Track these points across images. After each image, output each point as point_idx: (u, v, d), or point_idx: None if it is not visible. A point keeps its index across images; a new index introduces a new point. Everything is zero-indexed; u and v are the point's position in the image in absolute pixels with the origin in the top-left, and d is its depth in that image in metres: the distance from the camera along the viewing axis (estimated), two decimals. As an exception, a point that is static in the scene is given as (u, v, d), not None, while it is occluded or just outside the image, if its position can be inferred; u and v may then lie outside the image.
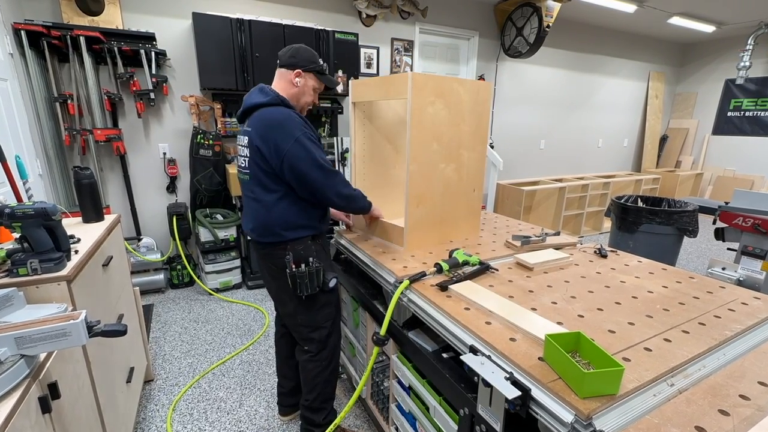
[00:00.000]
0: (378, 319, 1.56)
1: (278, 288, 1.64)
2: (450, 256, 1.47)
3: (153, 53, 3.05)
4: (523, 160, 5.71)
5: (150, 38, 3.04)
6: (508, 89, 5.25)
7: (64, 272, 1.23)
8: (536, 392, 0.84)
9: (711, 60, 6.61)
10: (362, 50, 4.02)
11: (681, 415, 0.77)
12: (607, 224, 5.39)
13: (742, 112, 6.30)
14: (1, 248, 1.26)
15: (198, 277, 3.47)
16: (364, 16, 4.02)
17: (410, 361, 1.38)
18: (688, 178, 6.61)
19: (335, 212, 1.86)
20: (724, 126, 6.53)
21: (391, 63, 4.33)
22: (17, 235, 1.23)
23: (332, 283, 1.61)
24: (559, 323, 1.07)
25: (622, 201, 3.33)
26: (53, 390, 1.01)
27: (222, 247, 3.32)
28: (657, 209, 2.98)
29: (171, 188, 3.54)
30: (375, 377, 1.75)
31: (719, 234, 2.78)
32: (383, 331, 1.38)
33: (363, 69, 4.07)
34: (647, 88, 6.71)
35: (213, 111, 3.43)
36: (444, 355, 1.23)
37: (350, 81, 1.83)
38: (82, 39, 2.77)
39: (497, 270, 1.46)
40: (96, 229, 1.66)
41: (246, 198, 1.60)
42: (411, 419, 1.42)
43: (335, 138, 3.71)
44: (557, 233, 1.81)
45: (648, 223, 2.98)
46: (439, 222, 1.76)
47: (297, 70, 1.55)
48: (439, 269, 1.40)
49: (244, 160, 1.54)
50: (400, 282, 1.37)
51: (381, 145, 1.94)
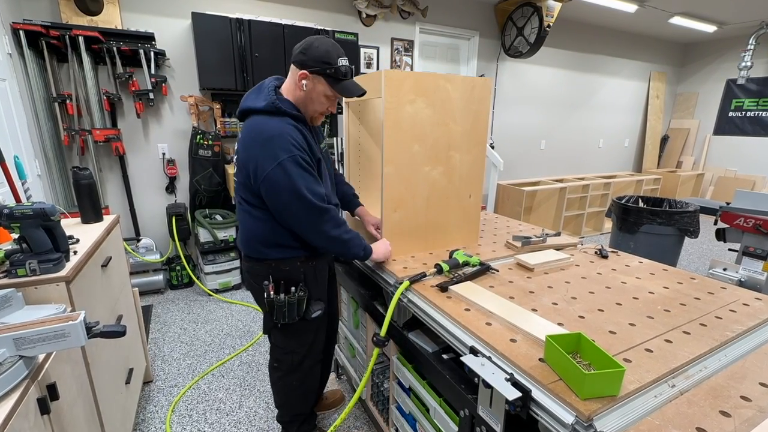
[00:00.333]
0: (378, 320, 1.55)
1: (257, 301, 1.54)
2: (450, 257, 1.47)
3: (152, 53, 3.04)
4: (524, 161, 5.70)
5: (149, 38, 3.04)
6: (509, 89, 5.24)
7: (63, 273, 1.23)
8: (537, 393, 0.84)
9: (712, 60, 6.60)
10: (362, 50, 4.01)
11: (682, 417, 0.77)
12: (608, 225, 5.38)
13: (744, 113, 6.29)
14: (0, 249, 1.26)
15: (197, 278, 3.47)
16: (364, 16, 4.01)
17: (410, 362, 1.38)
18: (689, 179, 6.61)
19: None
20: (726, 126, 6.52)
21: (392, 63, 4.32)
22: (16, 236, 1.23)
23: (315, 314, 1.47)
24: (560, 324, 1.07)
25: (623, 201, 3.32)
26: (52, 391, 1.00)
27: (221, 248, 3.32)
28: (658, 210, 2.98)
29: (170, 189, 3.54)
30: (375, 378, 1.75)
31: (720, 235, 2.78)
32: (383, 332, 1.36)
33: (363, 69, 4.06)
34: (648, 88, 6.70)
35: (212, 111, 3.43)
36: (444, 356, 1.23)
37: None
38: (81, 39, 2.76)
39: (497, 271, 1.46)
40: (95, 230, 1.65)
41: (237, 205, 1.46)
42: (411, 420, 1.42)
43: (335, 138, 3.71)
44: (558, 234, 1.80)
45: (649, 224, 2.98)
46: (425, 229, 1.66)
47: (303, 71, 1.28)
48: (440, 270, 1.40)
49: (235, 166, 1.41)
50: (400, 283, 1.37)
51: (370, 146, 1.92)
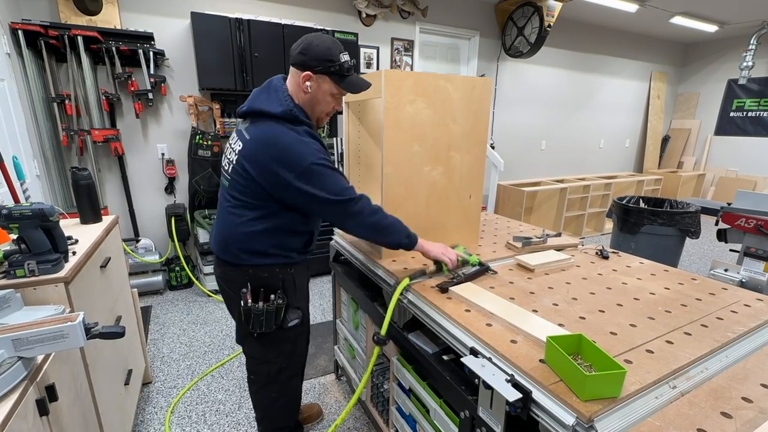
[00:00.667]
0: (378, 321, 1.55)
1: (230, 309, 1.51)
2: None
3: (151, 53, 3.03)
4: (524, 161, 5.70)
5: (148, 38, 3.03)
6: (509, 89, 5.24)
7: (62, 274, 1.23)
8: (537, 394, 0.83)
9: (713, 60, 6.59)
10: (362, 50, 4.01)
11: (683, 418, 0.77)
12: (609, 225, 5.37)
13: (745, 113, 6.28)
14: (-1, 249, 1.26)
15: (197, 279, 3.46)
16: (364, 16, 4.01)
17: (411, 363, 1.38)
18: (691, 179, 6.59)
19: None
20: (727, 126, 6.51)
21: (392, 63, 4.32)
22: (15, 237, 1.23)
23: (293, 323, 1.41)
24: (561, 325, 1.06)
25: (624, 202, 3.32)
26: (51, 392, 1.00)
27: (221, 248, 3.31)
28: (659, 210, 2.98)
29: (169, 189, 3.53)
30: (375, 379, 1.74)
31: (721, 235, 2.76)
32: (384, 331, 1.35)
33: (363, 69, 4.06)
34: (649, 88, 6.69)
35: (212, 111, 3.43)
36: (444, 357, 1.22)
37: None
38: (80, 39, 2.76)
39: (497, 272, 1.45)
40: (94, 231, 1.65)
41: (220, 203, 1.39)
42: (411, 422, 1.41)
43: (335, 138, 3.71)
44: (558, 234, 1.80)
45: (650, 225, 2.97)
46: (425, 229, 1.63)
47: (306, 72, 1.24)
48: (439, 268, 1.39)
49: (229, 164, 1.32)
50: (400, 282, 1.37)
51: (370, 146, 1.91)
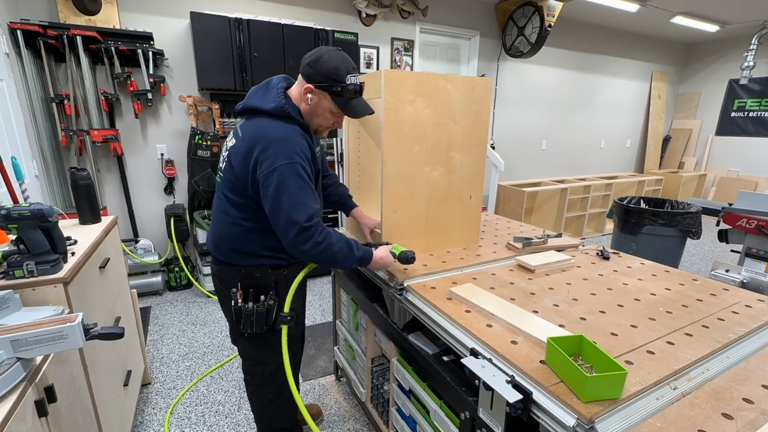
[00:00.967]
0: (378, 322, 1.54)
1: (223, 308, 1.49)
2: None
3: (150, 53, 3.03)
4: (525, 161, 5.69)
5: (147, 38, 3.02)
6: (510, 89, 5.23)
7: (61, 274, 1.22)
8: (538, 396, 0.83)
9: (714, 60, 6.58)
10: (362, 50, 4.00)
11: (684, 419, 0.77)
12: (610, 226, 5.37)
13: (746, 113, 6.27)
14: (-2, 250, 1.25)
15: (196, 280, 3.46)
16: (364, 16, 4.00)
17: (411, 364, 1.37)
18: (692, 180, 6.59)
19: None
20: (728, 126, 6.50)
21: (392, 63, 4.32)
22: (13, 237, 1.23)
23: (285, 323, 1.41)
24: (561, 326, 1.06)
25: (625, 202, 3.31)
26: (50, 393, 1.00)
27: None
28: (660, 211, 2.97)
29: (169, 189, 3.52)
30: (375, 380, 1.74)
31: (723, 236, 2.76)
32: (287, 308, 1.37)
33: (363, 69, 4.06)
34: (650, 89, 6.68)
35: (211, 111, 3.42)
36: (444, 358, 1.22)
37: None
38: (79, 39, 2.75)
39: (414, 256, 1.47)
40: (93, 231, 1.65)
41: (215, 202, 1.41)
42: (411, 423, 1.41)
43: (335, 139, 3.70)
44: (559, 235, 1.79)
45: (651, 225, 2.97)
46: (425, 230, 1.64)
47: (308, 85, 1.23)
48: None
49: (222, 161, 1.34)
50: (401, 285, 1.36)
51: (370, 147, 1.88)
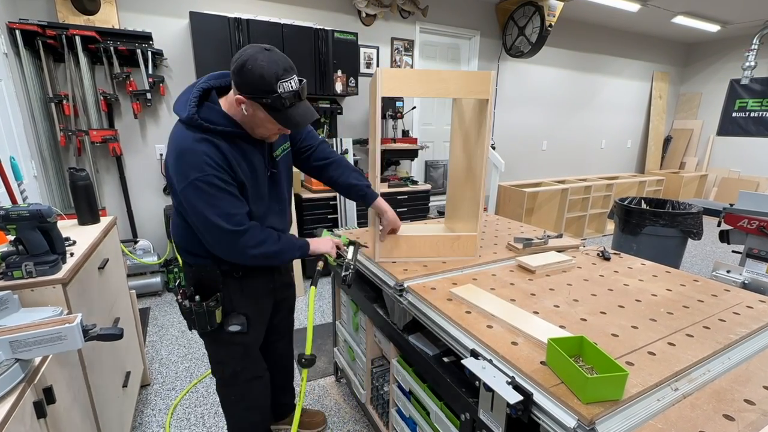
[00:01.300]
0: (378, 323, 1.54)
1: None
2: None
3: (149, 53, 3.02)
4: (525, 161, 5.69)
5: (146, 38, 3.01)
6: (510, 89, 5.23)
7: (60, 275, 1.22)
8: (538, 397, 0.83)
9: (716, 60, 6.57)
10: (362, 50, 4.00)
11: (685, 420, 0.77)
12: (611, 226, 5.35)
13: (747, 113, 6.26)
14: (-3, 251, 1.25)
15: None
16: (364, 15, 4.00)
17: (411, 366, 1.37)
18: (693, 180, 6.57)
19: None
20: (729, 127, 6.49)
21: (392, 63, 4.31)
22: (12, 238, 1.22)
23: (233, 329, 1.33)
24: (562, 327, 1.06)
25: (626, 203, 3.30)
26: (48, 394, 1.00)
27: (221, 249, 3.30)
28: (661, 211, 2.96)
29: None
30: (375, 382, 1.73)
31: (724, 236, 2.75)
32: (308, 350, 1.26)
33: (363, 69, 4.05)
34: (651, 89, 6.67)
35: (212, 112, 3.42)
36: (445, 360, 1.21)
37: (379, 71, 1.36)
38: (78, 38, 2.74)
39: (367, 246, 1.55)
40: (92, 232, 1.64)
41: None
42: (411, 424, 1.40)
43: (334, 139, 3.69)
44: (559, 235, 1.79)
45: (652, 226, 2.96)
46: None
47: (238, 96, 1.10)
48: (326, 261, 1.40)
49: None
50: (401, 286, 1.36)
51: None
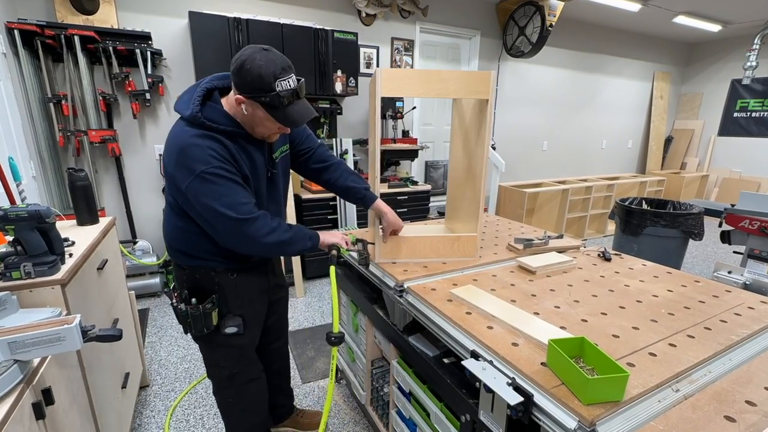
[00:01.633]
0: (378, 323, 1.53)
1: None
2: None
3: (149, 53, 3.02)
4: (526, 162, 5.68)
5: (146, 38, 3.01)
6: (511, 89, 5.23)
7: (58, 276, 1.22)
8: (539, 398, 0.83)
9: (717, 60, 6.56)
10: (362, 50, 4.00)
11: (686, 422, 0.76)
12: (611, 227, 5.34)
13: (749, 113, 6.24)
14: (-5, 251, 1.25)
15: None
16: (364, 15, 4.00)
17: (411, 367, 1.36)
18: (694, 180, 6.56)
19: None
20: (731, 127, 6.47)
21: (392, 63, 4.31)
22: (10, 238, 1.22)
23: (230, 331, 1.33)
24: (563, 328, 1.05)
25: (627, 203, 3.30)
26: (47, 396, 0.99)
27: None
28: (662, 212, 2.96)
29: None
30: (375, 383, 1.73)
31: (725, 237, 2.74)
32: (336, 328, 1.23)
33: (362, 69, 4.05)
34: (652, 89, 6.67)
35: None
36: (445, 361, 1.21)
37: (378, 71, 1.37)
38: (77, 38, 2.74)
39: (373, 243, 1.55)
40: (90, 232, 1.64)
41: (166, 200, 1.40)
42: (412, 426, 1.40)
43: (334, 139, 3.68)
44: (560, 236, 1.78)
45: (653, 226, 2.95)
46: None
47: (238, 96, 1.13)
48: (338, 251, 1.42)
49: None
50: (401, 287, 1.35)
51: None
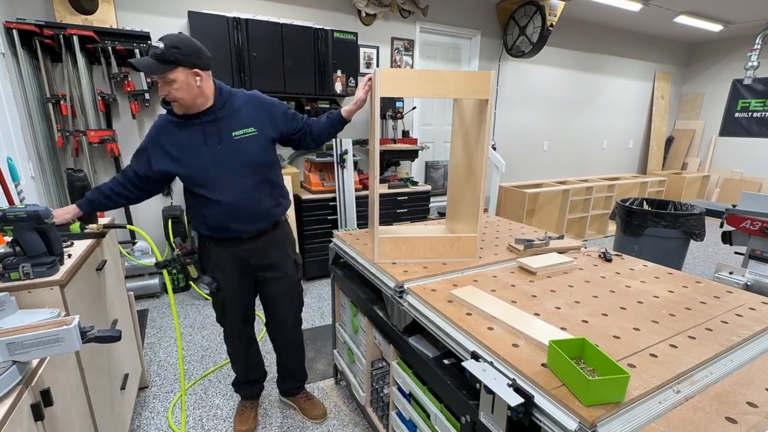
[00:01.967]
0: (378, 325, 1.53)
1: None
2: None
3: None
4: (526, 162, 5.67)
5: (145, 38, 3.00)
6: (511, 89, 5.22)
7: (57, 277, 1.22)
8: (539, 399, 0.82)
9: (718, 60, 6.55)
10: (361, 50, 3.99)
11: (687, 423, 0.76)
12: (612, 227, 5.34)
13: (750, 113, 6.23)
14: (-6, 252, 1.25)
15: (194, 282, 3.44)
16: (364, 15, 3.99)
17: (411, 368, 1.36)
18: (695, 181, 6.55)
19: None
20: (732, 127, 6.46)
21: (392, 63, 4.31)
22: (9, 239, 1.22)
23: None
24: (563, 329, 1.05)
25: (628, 204, 3.29)
26: (46, 397, 0.99)
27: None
28: (663, 212, 2.95)
29: (166, 191, 3.50)
30: (375, 384, 1.73)
31: (726, 237, 2.74)
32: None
33: (362, 69, 4.04)
34: (653, 89, 6.66)
35: (212, 112, 3.41)
36: (445, 362, 1.21)
37: (378, 71, 1.39)
38: (76, 38, 2.73)
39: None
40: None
41: None
42: (412, 427, 1.39)
43: (334, 139, 3.67)
44: (561, 237, 1.78)
45: (654, 227, 2.95)
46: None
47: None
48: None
49: None
50: (401, 287, 1.35)
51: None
